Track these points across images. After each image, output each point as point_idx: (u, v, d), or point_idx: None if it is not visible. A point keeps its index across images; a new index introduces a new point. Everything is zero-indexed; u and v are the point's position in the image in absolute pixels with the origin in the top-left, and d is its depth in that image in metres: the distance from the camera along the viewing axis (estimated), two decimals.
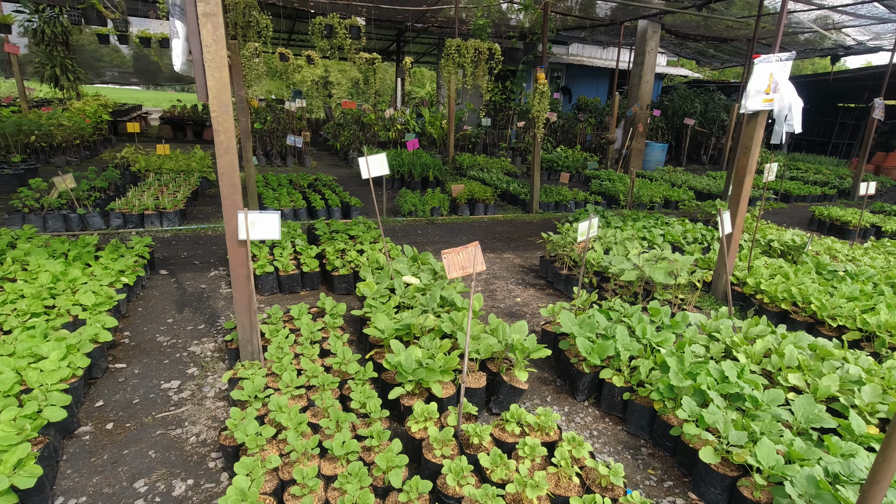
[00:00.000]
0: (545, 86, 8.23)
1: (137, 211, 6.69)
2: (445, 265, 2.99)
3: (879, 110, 11.30)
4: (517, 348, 3.38)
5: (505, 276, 6.04)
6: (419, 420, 2.88)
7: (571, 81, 19.73)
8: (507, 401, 3.43)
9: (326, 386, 3.11)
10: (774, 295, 4.94)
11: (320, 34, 6.84)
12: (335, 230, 6.39)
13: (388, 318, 3.79)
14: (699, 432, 2.79)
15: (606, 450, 3.19)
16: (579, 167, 12.94)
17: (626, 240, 5.69)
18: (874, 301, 4.70)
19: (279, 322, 3.88)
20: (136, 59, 70.17)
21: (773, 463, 2.54)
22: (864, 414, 3.04)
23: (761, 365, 3.62)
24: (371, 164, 4.47)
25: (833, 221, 8.96)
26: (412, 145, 9.53)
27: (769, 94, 4.81)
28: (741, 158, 5.17)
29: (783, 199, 11.76)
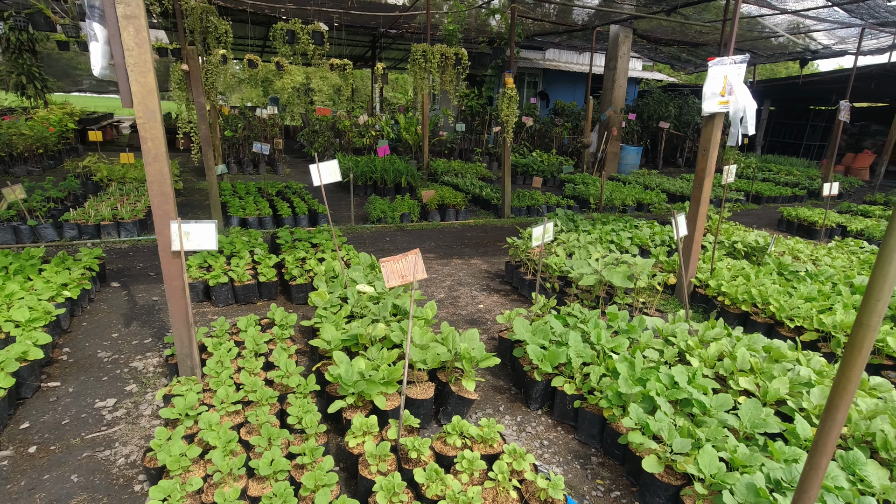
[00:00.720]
0: (513, 90, 8.21)
1: (93, 222, 6.50)
2: (384, 274, 2.90)
3: (845, 112, 11.50)
4: (464, 357, 3.30)
5: (470, 283, 5.97)
6: (357, 434, 2.78)
7: (548, 86, 19.83)
8: (456, 412, 3.34)
9: (265, 401, 2.99)
10: (735, 297, 4.93)
11: (282, 40, 6.74)
12: (298, 238, 6.27)
13: (335, 328, 3.69)
14: (644, 440, 2.72)
15: (556, 460, 3.12)
16: (554, 171, 12.97)
17: (588, 244, 5.65)
18: (832, 301, 4.71)
19: (225, 335, 3.76)
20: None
21: (716, 471, 2.48)
22: (812, 416, 3.01)
23: (715, 368, 3.58)
24: (322, 170, 4.37)
25: (801, 222, 9.05)
26: (383, 151, 9.45)
27: (724, 96, 4.82)
28: (700, 160, 5.17)
29: (755, 201, 11.89)
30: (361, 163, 10.73)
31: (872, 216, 9.76)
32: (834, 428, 1.78)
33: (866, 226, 8.47)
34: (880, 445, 2.70)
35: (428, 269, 6.36)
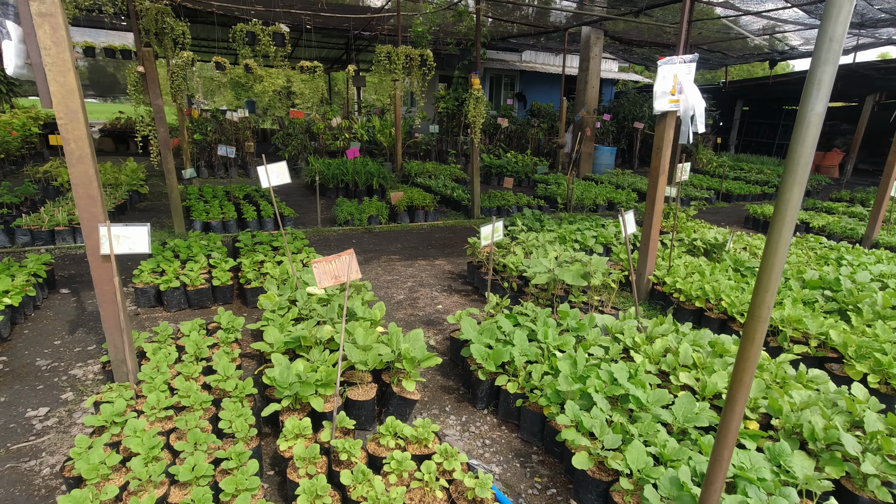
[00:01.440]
0: (479, 91, 8.22)
1: (47, 227, 6.35)
2: (315, 274, 2.87)
3: None
4: (405, 358, 3.28)
5: (432, 283, 5.95)
6: (289, 437, 2.73)
7: (526, 88, 19.94)
8: (398, 413, 3.31)
9: (198, 406, 2.93)
10: (689, 293, 4.97)
11: (242, 41, 6.68)
12: (259, 242, 6.20)
13: (280, 330, 3.64)
14: (577, 437, 2.72)
15: (496, 459, 3.10)
16: (529, 172, 13.02)
17: (547, 242, 5.67)
18: (782, 296, 4.77)
19: (167, 340, 3.69)
20: (91, 70, 68.07)
21: (643, 465, 2.49)
22: (747, 410, 3.03)
23: (659, 364, 3.60)
24: (271, 172, 4.32)
25: (766, 219, 9.19)
26: (352, 153, 9.41)
27: (674, 95, 4.87)
28: (654, 159, 5.21)
29: (725, 199, 12.05)
30: (333, 165, 10.66)
31: (836, 213, 9.95)
32: (733, 420, 1.79)
33: (828, 222, 8.63)
34: (808, 436, 2.73)
35: (391, 271, 6.33)
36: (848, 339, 3.86)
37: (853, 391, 3.17)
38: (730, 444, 1.82)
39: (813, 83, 1.43)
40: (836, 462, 2.62)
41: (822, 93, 1.43)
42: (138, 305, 4.87)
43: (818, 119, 1.45)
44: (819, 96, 1.43)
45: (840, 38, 1.37)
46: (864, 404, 3.06)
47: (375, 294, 5.56)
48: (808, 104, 1.45)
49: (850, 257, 6.07)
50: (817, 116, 1.45)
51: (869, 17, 9.44)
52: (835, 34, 1.36)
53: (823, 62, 1.40)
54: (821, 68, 1.41)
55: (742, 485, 2.40)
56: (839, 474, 2.57)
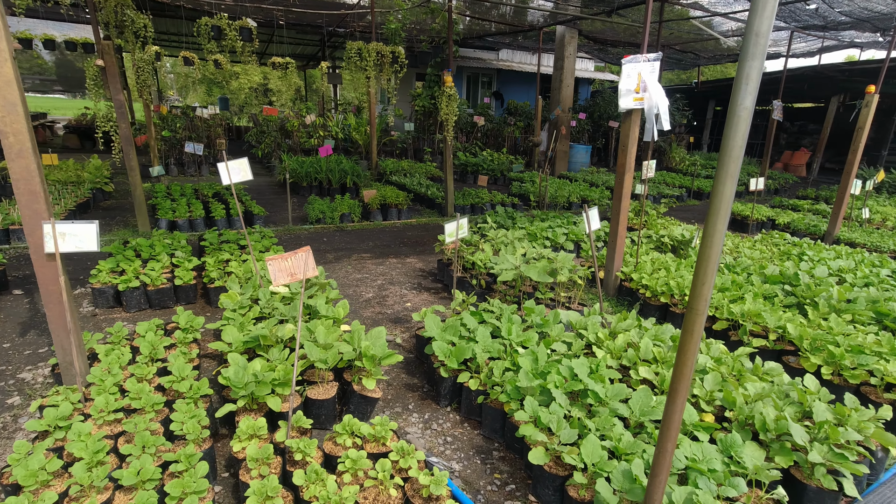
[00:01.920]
0: (452, 89, 8.20)
1: (1, 226, 6.13)
2: (271, 272, 2.81)
3: (777, 111, 12.00)
4: (365, 355, 3.24)
5: (402, 281, 5.91)
6: (243, 438, 2.68)
7: (503, 86, 20.00)
8: (359, 411, 3.28)
9: (150, 408, 2.85)
10: (655, 289, 5.04)
11: (207, 36, 6.53)
12: (226, 240, 6.08)
13: (240, 329, 3.57)
14: (534, 432, 2.72)
15: (457, 456, 3.09)
16: (505, 170, 13.06)
17: (516, 239, 5.68)
18: (743, 291, 4.87)
19: (122, 341, 3.58)
20: (59, 65, 66.23)
21: (598, 459, 2.50)
22: (702, 402, 3.08)
23: (621, 360, 3.63)
24: (232, 169, 4.24)
25: (734, 216, 9.38)
26: (325, 151, 9.30)
27: (639, 93, 4.92)
28: (620, 156, 5.26)
29: (696, 197, 12.27)
30: (306, 163, 10.53)
31: (801, 210, 10.21)
32: (675, 412, 1.80)
33: (793, 219, 8.85)
34: (759, 427, 2.78)
35: (361, 269, 6.27)
36: (803, 332, 3.96)
37: (805, 383, 3.24)
38: (672, 435, 1.83)
39: (741, 78, 1.44)
40: (786, 452, 2.68)
41: (751, 87, 1.44)
42: (96, 306, 4.73)
43: (747, 113, 1.46)
44: (748, 90, 1.45)
45: (766, 34, 1.38)
46: (814, 395, 3.13)
47: (344, 292, 5.50)
48: (737, 99, 1.47)
49: (811, 253, 6.23)
50: (746, 111, 1.46)
51: (831, 20, 9.70)
52: (760, 29, 1.37)
53: (751, 57, 1.42)
54: (748, 63, 1.42)
55: (693, 476, 2.43)
56: (787, 463, 2.62)
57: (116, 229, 7.25)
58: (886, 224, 9.01)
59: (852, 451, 2.63)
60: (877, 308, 4.48)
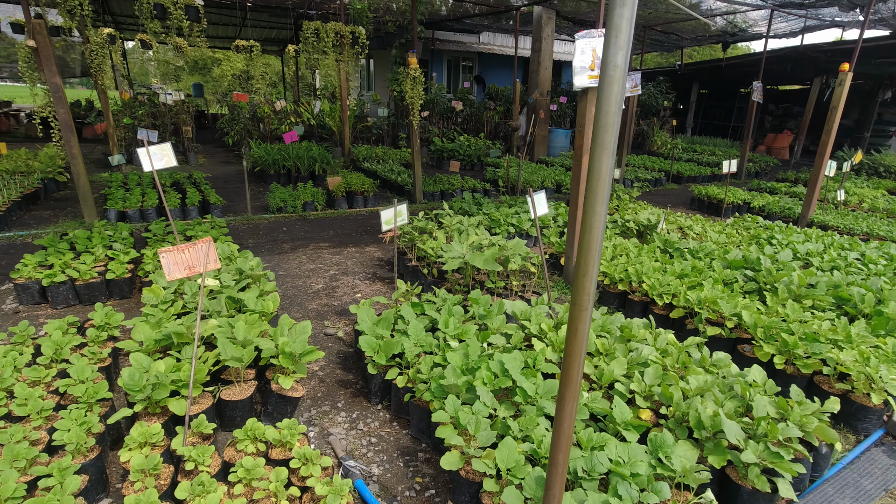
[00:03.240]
0: (417, 71, 7.90)
1: None
2: (164, 266, 2.57)
3: (757, 93, 11.78)
4: (282, 352, 3.02)
5: (356, 271, 5.68)
6: (133, 446, 2.46)
7: (485, 70, 19.60)
8: (278, 412, 3.06)
9: (36, 415, 2.62)
10: (613, 276, 4.84)
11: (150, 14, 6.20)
12: (171, 231, 5.80)
13: (153, 327, 3.32)
14: (450, 434, 2.52)
15: (380, 458, 2.89)
16: (482, 155, 12.78)
17: (471, 227, 5.45)
18: (704, 276, 4.68)
19: (26, 340, 3.33)
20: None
21: (513, 464, 2.30)
22: (639, 398, 2.89)
23: (562, 353, 3.42)
24: (154, 154, 3.96)
25: (710, 200, 9.20)
26: (290, 138, 9.01)
27: (594, 70, 4.67)
28: (577, 138, 5.03)
29: (675, 180, 12.07)
30: (273, 150, 10.21)
31: (778, 193, 10.05)
32: (565, 420, 1.60)
33: (767, 202, 8.67)
34: (694, 424, 2.60)
35: (316, 259, 6.03)
36: (758, 319, 3.78)
37: (752, 374, 3.06)
38: (564, 446, 1.63)
39: (611, 31, 1.21)
40: (720, 451, 2.50)
41: (622, 40, 1.21)
42: (20, 303, 4.47)
43: (620, 72, 1.23)
44: (618, 44, 1.21)
45: None
46: (759, 388, 2.95)
47: (293, 284, 5.27)
48: (608, 56, 1.23)
49: (780, 237, 6.05)
50: (618, 70, 1.23)
51: None
52: None
53: (620, 4, 1.18)
54: (617, 11, 1.19)
55: (614, 481, 2.24)
56: (721, 463, 2.44)
57: (63, 221, 6.94)
58: (862, 206, 8.87)
59: (789, 449, 2.45)
60: (838, 293, 4.31)
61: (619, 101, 1.26)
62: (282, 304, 4.80)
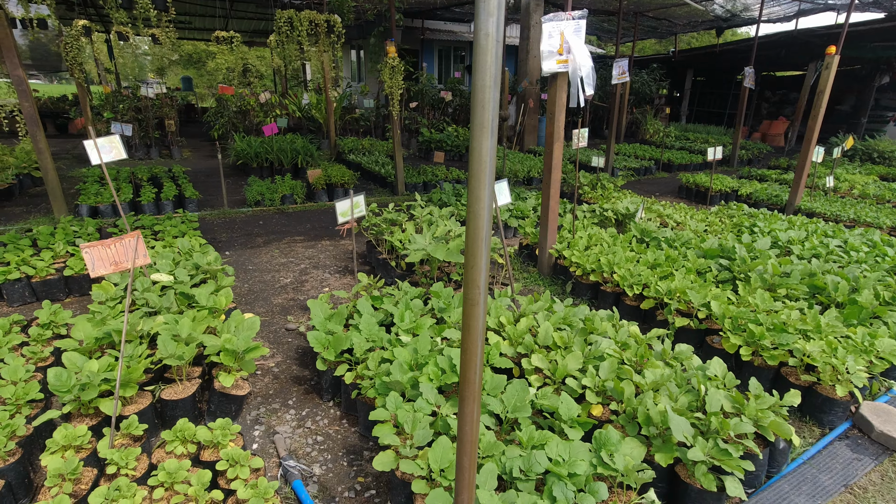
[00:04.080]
0: (395, 60, 7.74)
1: None
2: (87, 261, 2.46)
3: (749, 79, 11.58)
4: (223, 349, 2.92)
5: (328, 265, 5.57)
6: (55, 449, 2.36)
7: None
8: (222, 411, 2.97)
9: None
10: (586, 266, 4.72)
11: (115, 4, 6.04)
12: (140, 226, 5.70)
13: (95, 324, 3.22)
14: (388, 433, 2.42)
15: (324, 457, 2.80)
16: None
17: (441, 218, 5.33)
18: (677, 266, 4.56)
19: None
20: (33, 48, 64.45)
21: (447, 465, 2.20)
22: (591, 394, 2.78)
23: (520, 346, 3.32)
24: (102, 147, 3.84)
25: (698, 188, 9.05)
26: (269, 130, 8.86)
27: (563, 55, 4.52)
28: (547, 125, 4.89)
29: (665, 169, 11.91)
30: (256, 143, 10.07)
31: (769, 180, 9.89)
32: (466, 423, 1.49)
33: (755, 189, 8.52)
34: (643, 420, 2.49)
35: (289, 253, 5.92)
36: (726, 310, 3.66)
37: (712, 367, 2.95)
38: (468, 451, 1.52)
39: None
40: (668, 448, 2.39)
41: (491, 6, 1.08)
42: None
43: (491, 41, 1.11)
44: (488, 10, 1.09)
45: None
46: (717, 381, 2.84)
47: (261, 278, 5.16)
48: (479, 24, 1.11)
49: (762, 224, 5.91)
50: (489, 38, 1.11)
51: None
52: None
53: None
54: None
55: (551, 482, 2.14)
56: (667, 461, 2.34)
57: (35, 217, 6.84)
58: (853, 192, 8.71)
59: (738, 446, 2.34)
60: (813, 282, 4.18)
61: (495, 74, 1.14)
62: (247, 298, 4.71)
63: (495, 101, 1.16)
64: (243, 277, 5.17)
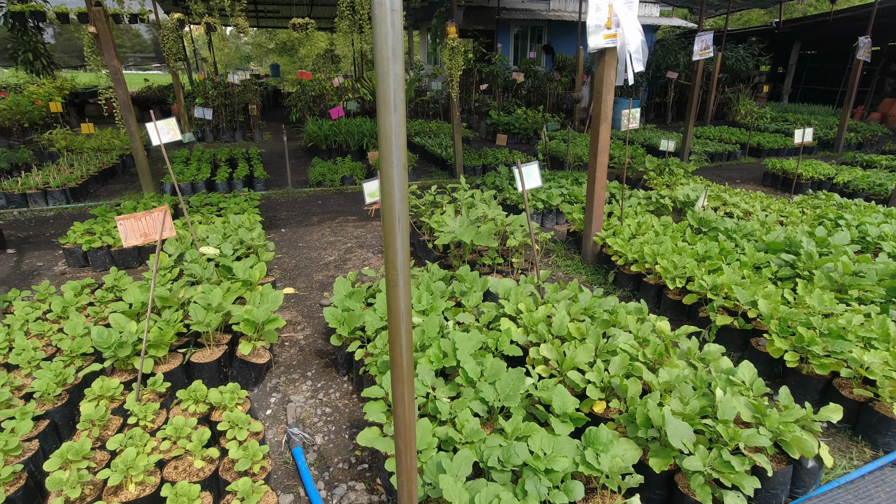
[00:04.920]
0: (455, 40, 7.67)
1: (20, 190, 6.66)
2: (121, 232, 2.73)
3: (864, 50, 10.16)
4: (244, 320, 3.11)
5: (373, 245, 5.73)
6: (91, 398, 2.67)
7: (555, 39, 18.64)
8: (243, 376, 3.19)
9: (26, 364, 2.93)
10: (627, 256, 4.46)
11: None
12: (209, 203, 6.19)
13: (141, 290, 3.57)
14: (376, 412, 2.47)
15: (328, 429, 2.92)
16: (539, 128, 12.27)
17: (482, 201, 5.25)
18: (731, 259, 4.17)
19: (47, 298, 3.72)
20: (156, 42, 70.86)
21: (425, 447, 2.22)
22: (594, 389, 2.64)
23: (533, 335, 3.22)
24: (161, 129, 4.19)
25: (786, 175, 8.16)
26: (336, 113, 9.20)
27: (611, 28, 4.23)
28: (594, 105, 4.63)
29: (753, 154, 10.84)
30: (326, 126, 10.49)
31: (876, 166, 8.67)
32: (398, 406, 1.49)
33: (854, 177, 7.51)
34: (641, 422, 2.33)
35: (339, 232, 6.16)
36: (774, 309, 3.30)
37: (741, 371, 2.69)
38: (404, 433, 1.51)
39: None
40: (665, 454, 2.23)
41: None
42: (68, 265, 5.01)
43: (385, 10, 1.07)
44: None
45: None
46: (740, 387, 2.58)
47: (308, 255, 5.42)
48: None
49: (849, 217, 5.22)
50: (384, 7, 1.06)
51: None
52: None
53: None
54: None
55: (527, 475, 2.07)
56: (661, 467, 2.18)
57: (129, 193, 7.65)
58: None
59: (744, 459, 2.12)
60: (893, 284, 3.64)
61: (393, 45, 1.10)
62: (292, 274, 4.97)
63: (397, 75, 1.12)
64: (292, 253, 5.46)
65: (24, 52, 15.67)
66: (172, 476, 2.27)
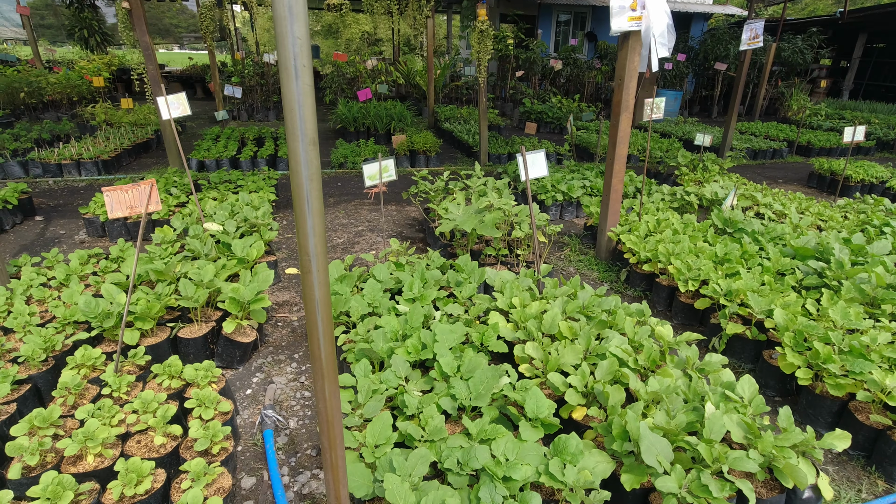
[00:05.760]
0: (485, 24, 7.44)
1: (55, 161, 6.92)
2: (107, 204, 2.73)
3: None
4: (228, 297, 3.10)
5: (384, 229, 5.66)
6: (72, 365, 2.71)
7: (598, 26, 17.95)
8: (227, 354, 3.18)
9: (20, 328, 3.01)
10: (640, 254, 4.22)
11: None
12: (227, 180, 6.27)
13: (141, 263, 3.61)
14: (345, 399, 2.40)
15: (303, 413, 2.88)
16: (574, 118, 11.87)
17: (495, 189, 5.08)
18: (752, 263, 3.87)
19: (55, 265, 3.83)
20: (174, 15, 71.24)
21: (383, 441, 2.13)
22: (575, 394, 2.48)
23: (522, 332, 3.07)
24: (171, 104, 4.21)
25: (833, 176, 7.58)
26: (364, 95, 9.13)
27: (636, 10, 3.95)
28: (616, 92, 4.37)
29: (802, 153, 10.15)
30: (355, 108, 10.46)
31: None
32: (319, 400, 1.40)
33: None
34: (617, 434, 2.16)
35: (353, 215, 6.12)
36: (790, 321, 3.03)
37: (740, 386, 2.47)
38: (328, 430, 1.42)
39: None
40: (639, 470, 2.06)
41: None
42: (88, 235, 5.17)
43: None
44: None
45: None
46: (737, 403, 2.37)
47: None
48: None
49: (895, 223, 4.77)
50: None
51: None
52: None
53: None
54: None
55: (483, 481, 1.96)
56: (633, 485, 2.01)
57: (160, 167, 7.85)
58: None
59: (725, 484, 1.93)
60: None
61: (291, 4, 0.98)
62: (295, 255, 4.96)
63: (297, 37, 1.00)
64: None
65: (80, 30, 16.36)
66: (133, 451, 2.27)
